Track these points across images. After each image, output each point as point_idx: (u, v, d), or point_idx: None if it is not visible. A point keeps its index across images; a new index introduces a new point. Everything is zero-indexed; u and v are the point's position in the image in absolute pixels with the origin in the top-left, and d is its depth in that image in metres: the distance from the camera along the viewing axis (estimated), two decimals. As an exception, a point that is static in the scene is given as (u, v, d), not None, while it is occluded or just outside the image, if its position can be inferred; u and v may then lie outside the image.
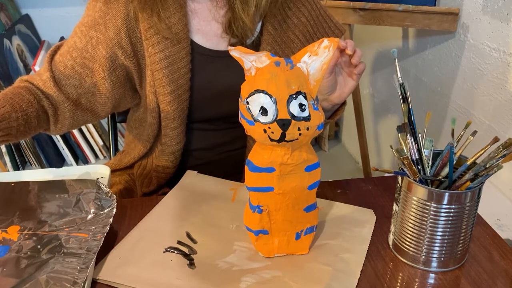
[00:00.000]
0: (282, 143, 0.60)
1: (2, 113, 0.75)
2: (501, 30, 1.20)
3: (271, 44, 0.92)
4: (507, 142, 0.61)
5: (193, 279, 0.67)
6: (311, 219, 0.70)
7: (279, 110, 0.59)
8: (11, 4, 1.86)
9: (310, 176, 0.66)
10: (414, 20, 1.43)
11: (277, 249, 0.71)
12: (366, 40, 1.98)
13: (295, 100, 0.59)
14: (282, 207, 0.67)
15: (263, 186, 0.65)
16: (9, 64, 1.65)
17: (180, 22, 0.86)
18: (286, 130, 0.59)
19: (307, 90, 0.61)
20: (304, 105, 0.59)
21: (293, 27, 0.94)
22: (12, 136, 0.77)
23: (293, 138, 0.60)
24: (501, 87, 1.22)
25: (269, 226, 0.69)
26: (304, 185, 0.66)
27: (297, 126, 0.59)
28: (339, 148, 2.45)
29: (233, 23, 0.88)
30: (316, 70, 0.62)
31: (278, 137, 0.59)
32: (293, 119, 0.59)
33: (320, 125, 0.62)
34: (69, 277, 0.63)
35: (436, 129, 1.53)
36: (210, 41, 0.91)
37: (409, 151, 0.68)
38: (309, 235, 0.71)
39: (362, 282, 0.67)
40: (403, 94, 0.69)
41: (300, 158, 0.64)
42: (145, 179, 1.01)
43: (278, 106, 0.59)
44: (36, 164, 1.74)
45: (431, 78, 1.56)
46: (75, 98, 0.87)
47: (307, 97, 0.60)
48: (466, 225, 0.67)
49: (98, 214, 0.75)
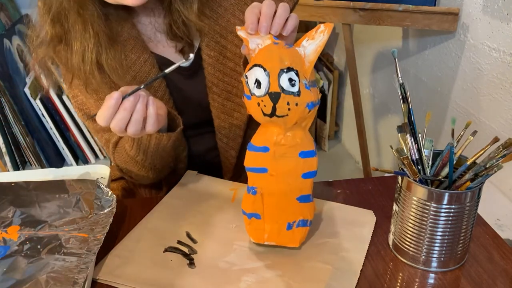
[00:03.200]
0: (274, 118, 0.63)
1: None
2: (501, 30, 1.20)
3: (208, 35, 0.88)
4: (507, 142, 0.61)
5: (193, 279, 0.67)
6: (305, 212, 0.70)
7: (271, 83, 0.62)
8: (11, 4, 1.86)
9: (304, 163, 0.67)
10: (414, 20, 1.43)
11: (268, 236, 0.71)
12: (366, 40, 1.98)
13: (286, 74, 0.62)
14: (275, 191, 0.68)
15: (258, 167, 0.68)
16: (9, 64, 1.65)
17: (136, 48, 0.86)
18: (276, 103, 0.62)
19: (301, 69, 0.63)
20: (294, 81, 0.62)
21: (231, 7, 0.88)
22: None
23: (283, 113, 0.63)
24: (501, 87, 1.22)
25: (261, 210, 0.69)
26: (298, 171, 0.67)
27: (287, 101, 0.62)
28: (339, 148, 2.44)
29: (173, 25, 0.86)
30: (311, 52, 0.65)
31: (269, 111, 0.63)
32: (283, 92, 0.62)
33: (309, 104, 0.64)
34: (69, 277, 0.63)
35: (436, 129, 1.53)
36: (164, 52, 0.90)
37: (409, 151, 0.68)
38: (302, 229, 0.70)
39: (362, 282, 0.67)
40: (403, 94, 0.69)
41: (293, 140, 0.66)
42: (152, 189, 1.02)
43: (270, 79, 0.62)
44: (36, 164, 1.73)
45: (431, 78, 1.56)
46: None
47: (299, 75, 0.62)
48: (466, 225, 0.67)
49: (98, 214, 0.75)
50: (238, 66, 0.91)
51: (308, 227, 0.71)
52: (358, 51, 1.87)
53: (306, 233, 0.72)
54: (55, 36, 0.82)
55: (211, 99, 0.92)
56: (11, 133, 1.66)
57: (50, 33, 0.81)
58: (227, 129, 0.95)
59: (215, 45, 0.89)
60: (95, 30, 0.80)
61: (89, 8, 0.79)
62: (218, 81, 0.91)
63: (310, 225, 0.71)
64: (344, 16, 1.55)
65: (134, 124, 0.70)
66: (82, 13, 0.79)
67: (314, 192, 0.74)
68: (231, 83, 0.92)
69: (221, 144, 0.97)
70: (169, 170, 0.94)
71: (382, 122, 1.99)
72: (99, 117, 0.70)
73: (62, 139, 1.78)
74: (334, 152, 2.41)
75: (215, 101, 0.92)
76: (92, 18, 0.80)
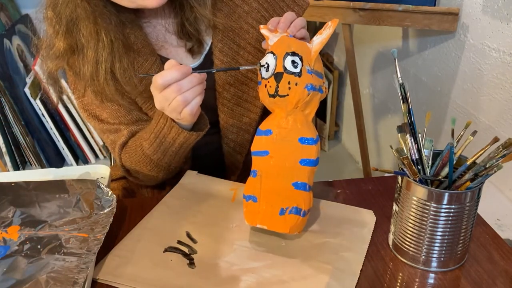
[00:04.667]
0: (277, 99, 0.71)
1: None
2: (501, 30, 1.20)
3: (222, 41, 0.88)
4: (507, 142, 0.61)
5: (193, 278, 0.67)
6: (299, 200, 0.70)
7: (277, 65, 0.71)
8: (11, 4, 1.86)
9: (303, 149, 0.70)
10: (414, 20, 1.43)
11: (261, 219, 0.72)
12: (366, 40, 1.98)
13: (290, 57, 0.70)
14: (273, 173, 0.71)
15: (261, 150, 0.73)
16: (9, 64, 1.65)
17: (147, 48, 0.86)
18: (279, 82, 0.70)
19: (306, 56, 0.71)
20: (297, 63, 0.70)
21: (245, 15, 0.89)
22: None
23: (284, 92, 0.70)
24: (501, 87, 1.22)
25: (259, 193, 0.72)
26: (296, 156, 0.71)
27: (288, 80, 0.70)
28: (339, 148, 2.44)
29: (185, 22, 0.85)
30: (316, 43, 0.74)
31: (273, 91, 0.71)
32: (285, 72, 0.70)
33: (308, 86, 0.70)
34: (69, 277, 0.63)
35: (436, 129, 1.53)
36: (171, 55, 0.90)
37: (409, 151, 0.68)
38: (294, 216, 0.70)
39: (362, 282, 0.67)
40: (403, 94, 0.69)
41: (294, 125, 0.71)
42: (154, 189, 1.02)
43: (277, 61, 0.71)
44: (36, 164, 1.74)
45: (431, 78, 1.56)
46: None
47: (303, 60, 0.71)
48: (466, 225, 0.67)
49: (98, 214, 0.75)
50: (249, 72, 0.91)
51: (302, 217, 0.71)
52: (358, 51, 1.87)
53: (299, 222, 0.71)
54: (68, 48, 0.81)
55: (220, 104, 0.92)
56: (11, 133, 1.66)
57: (64, 45, 0.80)
58: (235, 133, 0.95)
59: (228, 50, 0.89)
60: (109, 38, 0.79)
61: (106, 16, 0.78)
62: (230, 87, 0.91)
63: (304, 215, 0.71)
64: (344, 16, 1.55)
65: (191, 93, 0.71)
66: (98, 22, 0.78)
67: (314, 192, 0.74)
68: (242, 89, 0.92)
69: (227, 148, 0.97)
70: (178, 171, 0.94)
71: (382, 122, 1.99)
72: (167, 75, 0.70)
73: (62, 139, 1.78)
74: (334, 152, 2.41)
75: (224, 105, 0.92)
76: (109, 26, 0.79)
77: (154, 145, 0.83)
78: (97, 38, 0.79)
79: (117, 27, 0.80)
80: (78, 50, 0.81)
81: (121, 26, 0.81)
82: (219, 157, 0.99)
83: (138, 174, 0.91)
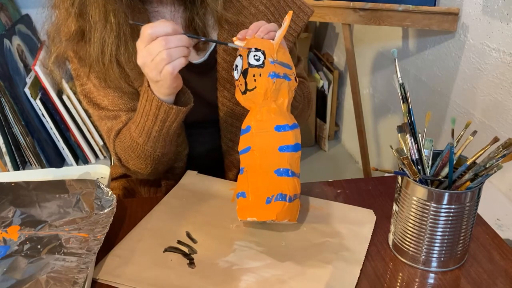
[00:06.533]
0: (248, 94, 0.75)
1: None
2: (501, 30, 1.20)
3: (227, 40, 0.89)
4: (507, 142, 0.61)
5: (193, 278, 0.67)
6: (283, 186, 0.70)
7: (243, 64, 0.75)
8: (11, 4, 1.86)
9: (280, 136, 0.72)
10: (414, 20, 1.43)
11: (250, 212, 0.72)
12: (366, 40, 1.98)
13: (253, 53, 0.75)
14: (256, 166, 0.73)
15: (245, 147, 0.74)
16: (9, 64, 1.65)
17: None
18: (246, 78, 0.74)
19: (268, 51, 0.75)
20: (259, 57, 0.74)
21: (251, 17, 0.90)
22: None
23: (252, 86, 0.74)
24: (501, 87, 1.22)
25: (247, 188, 0.73)
26: (274, 144, 0.72)
27: (252, 73, 0.74)
28: (339, 148, 2.44)
29: (195, 17, 0.86)
30: (277, 36, 0.77)
31: (243, 88, 0.75)
32: (249, 67, 0.74)
33: (271, 73, 0.73)
34: (69, 277, 0.63)
35: (436, 129, 1.53)
36: None
37: (409, 151, 0.68)
38: (280, 203, 0.70)
39: (362, 282, 0.67)
40: (403, 94, 0.69)
41: (268, 115, 0.74)
42: (152, 187, 1.01)
43: (243, 61, 0.75)
44: (36, 164, 1.73)
45: (431, 78, 1.56)
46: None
47: (265, 53, 0.75)
48: (466, 225, 0.67)
49: (98, 214, 0.75)
50: None
51: (288, 202, 0.70)
52: (358, 51, 1.87)
53: (286, 208, 0.70)
54: (79, 30, 0.81)
55: (221, 103, 0.92)
56: (11, 133, 1.66)
57: (75, 27, 0.81)
58: (234, 133, 0.95)
59: (232, 50, 0.89)
60: (117, 21, 0.79)
61: (116, 1, 0.79)
62: (231, 86, 0.91)
63: (291, 201, 0.71)
64: (344, 16, 1.55)
65: (176, 52, 0.72)
66: (108, 5, 0.78)
67: (314, 192, 0.74)
68: None
69: (226, 148, 0.97)
70: (167, 167, 0.94)
71: (382, 122, 2.00)
72: (159, 26, 0.71)
73: (62, 139, 1.78)
74: (334, 152, 2.41)
75: (225, 105, 0.92)
76: (118, 9, 0.79)
77: (139, 126, 0.83)
78: (105, 20, 0.79)
79: (126, 12, 0.81)
80: (87, 33, 0.82)
81: (129, 12, 0.82)
82: (218, 155, 0.99)
83: (128, 163, 0.90)
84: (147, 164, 0.88)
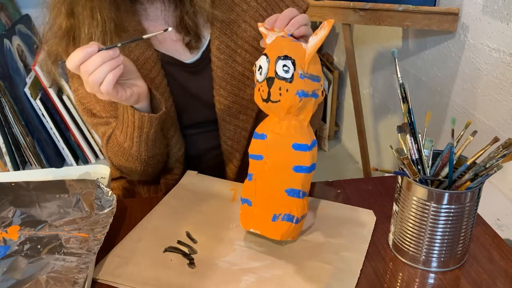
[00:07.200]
0: (270, 104, 0.69)
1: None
2: (501, 30, 1.20)
3: (219, 38, 0.89)
4: (507, 142, 0.61)
5: (193, 278, 0.67)
6: (292, 207, 0.70)
7: (269, 69, 0.68)
8: (11, 4, 1.86)
9: (296, 155, 0.69)
10: (414, 20, 1.43)
11: (254, 224, 0.72)
12: (366, 40, 1.98)
13: (282, 61, 0.68)
14: (266, 179, 0.71)
15: (257, 154, 0.72)
16: (9, 64, 1.65)
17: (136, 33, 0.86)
18: (271, 87, 0.68)
19: (299, 60, 0.68)
20: (288, 68, 0.67)
21: (243, 13, 0.89)
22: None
23: (275, 98, 0.68)
24: (501, 87, 1.22)
25: (253, 197, 0.72)
26: (289, 162, 0.69)
27: (279, 86, 0.68)
28: (339, 148, 2.44)
29: (185, 16, 0.86)
30: (311, 45, 0.70)
31: (266, 96, 0.69)
32: (276, 78, 0.68)
33: (299, 92, 0.68)
34: (69, 277, 0.63)
35: (436, 129, 1.53)
36: (170, 49, 0.90)
37: (409, 151, 0.68)
38: (286, 223, 0.70)
39: (362, 282, 0.67)
40: (403, 94, 0.69)
41: (287, 130, 0.70)
42: (152, 187, 1.01)
43: (269, 65, 0.68)
44: (36, 164, 1.73)
45: (431, 78, 1.56)
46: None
47: (295, 64, 0.67)
48: (466, 225, 0.67)
49: (98, 214, 0.75)
50: (246, 70, 0.91)
51: (294, 224, 0.70)
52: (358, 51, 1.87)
53: (292, 229, 0.71)
54: (69, 28, 0.82)
55: (217, 102, 0.92)
56: (11, 133, 1.66)
57: (65, 25, 0.82)
58: (232, 131, 0.95)
59: (225, 48, 0.89)
60: (103, 17, 0.80)
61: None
62: (226, 84, 0.91)
63: (297, 222, 0.71)
64: (344, 16, 1.55)
65: (98, 72, 0.70)
66: (92, 1, 0.79)
67: (314, 192, 0.74)
68: (238, 86, 0.92)
69: (225, 146, 0.97)
70: (160, 166, 0.94)
71: (382, 122, 1.99)
72: (73, 56, 0.70)
73: (62, 139, 1.78)
74: (334, 152, 2.41)
75: (221, 103, 0.92)
76: (102, 4, 0.80)
77: (123, 132, 0.83)
78: (92, 16, 0.80)
79: (111, 8, 0.81)
80: (76, 31, 0.83)
81: (114, 7, 0.82)
82: (217, 154, 0.99)
83: (121, 167, 0.91)
84: (136, 166, 0.89)
